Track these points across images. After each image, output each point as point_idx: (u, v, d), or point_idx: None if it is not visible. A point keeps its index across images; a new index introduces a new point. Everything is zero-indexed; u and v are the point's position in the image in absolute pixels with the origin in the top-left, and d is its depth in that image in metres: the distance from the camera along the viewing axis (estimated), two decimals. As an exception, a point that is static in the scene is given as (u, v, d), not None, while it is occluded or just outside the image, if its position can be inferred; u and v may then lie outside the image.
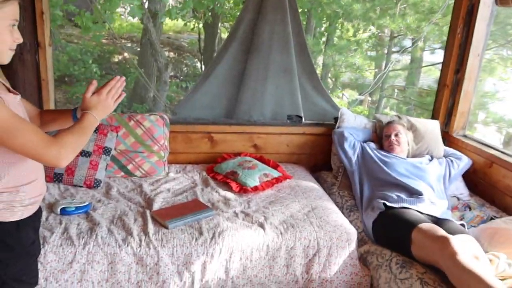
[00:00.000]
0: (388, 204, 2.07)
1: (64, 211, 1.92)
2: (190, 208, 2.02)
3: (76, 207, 1.95)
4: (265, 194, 2.32)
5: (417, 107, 6.17)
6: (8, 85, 1.29)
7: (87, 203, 2.01)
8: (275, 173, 2.50)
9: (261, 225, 1.93)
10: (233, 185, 2.35)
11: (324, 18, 6.18)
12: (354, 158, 2.52)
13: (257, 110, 2.93)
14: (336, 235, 1.94)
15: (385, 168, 2.34)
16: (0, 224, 1.22)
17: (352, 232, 1.98)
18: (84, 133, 1.30)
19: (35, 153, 1.17)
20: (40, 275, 1.65)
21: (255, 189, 2.32)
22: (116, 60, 9.19)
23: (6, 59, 1.20)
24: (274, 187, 2.40)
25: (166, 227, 1.85)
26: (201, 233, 1.84)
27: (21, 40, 1.21)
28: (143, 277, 1.74)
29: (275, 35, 2.84)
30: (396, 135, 2.53)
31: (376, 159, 2.42)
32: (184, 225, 1.89)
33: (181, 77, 9.43)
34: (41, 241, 1.69)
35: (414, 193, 2.17)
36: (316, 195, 2.34)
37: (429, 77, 6.67)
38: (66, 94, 7.42)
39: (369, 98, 7.23)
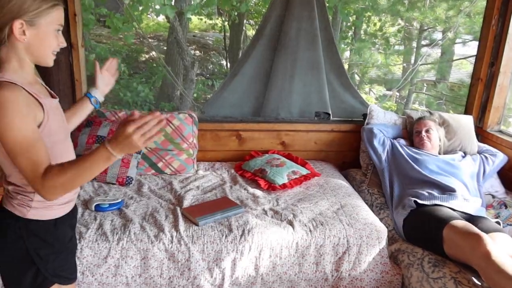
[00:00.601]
0: (419, 201, 2.02)
1: (98, 208, 1.99)
2: (220, 205, 2.04)
3: (110, 204, 2.01)
4: (293, 192, 2.32)
5: (449, 102, 5.99)
6: (49, 89, 1.33)
7: (119, 200, 2.07)
8: (304, 171, 2.50)
9: (290, 223, 1.93)
10: (262, 182, 2.36)
11: (351, 12, 6.10)
12: (384, 156, 2.48)
13: (284, 108, 2.92)
14: (366, 232, 1.92)
15: (415, 166, 2.29)
16: (39, 222, 1.26)
17: (382, 230, 1.96)
18: (89, 170, 1.12)
19: (26, 177, 1.13)
20: (77, 269, 1.72)
21: (284, 186, 2.32)
22: (143, 59, 9.37)
23: (50, 62, 1.24)
24: (302, 185, 2.40)
25: (196, 224, 1.88)
26: (230, 230, 1.86)
27: (64, 44, 1.23)
28: (175, 273, 1.78)
29: (302, 32, 2.82)
30: (427, 131, 2.47)
31: (407, 157, 2.38)
32: (213, 222, 1.91)
33: (207, 75, 9.52)
34: (77, 237, 1.75)
35: (446, 190, 2.12)
36: (345, 193, 2.32)
37: (461, 71, 6.46)
38: (96, 94, 7.63)
39: (397, 94, 7.07)
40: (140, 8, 5.57)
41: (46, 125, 1.17)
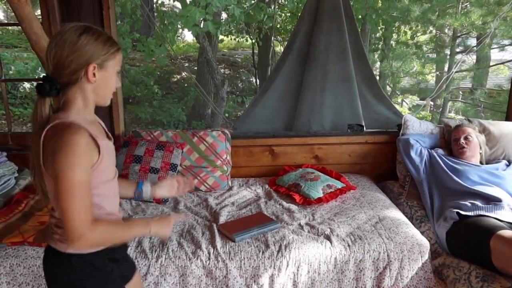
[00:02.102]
0: (462, 213, 1.94)
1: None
2: (255, 221, 2.04)
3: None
4: (329, 206, 2.28)
5: (487, 109, 5.77)
6: (106, 129, 1.34)
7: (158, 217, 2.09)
8: (339, 184, 2.46)
9: (328, 237, 1.90)
10: (297, 197, 2.34)
11: (380, 23, 6.04)
12: (421, 167, 2.40)
13: (316, 121, 2.91)
14: (408, 247, 1.86)
15: (454, 177, 2.20)
16: (80, 256, 1.21)
17: (425, 244, 1.89)
18: (125, 237, 1.30)
19: (68, 221, 1.10)
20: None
21: (319, 200, 2.29)
22: (175, 79, 9.62)
23: (108, 101, 1.29)
24: (338, 198, 2.36)
25: (233, 240, 1.88)
26: (267, 246, 1.85)
27: (119, 84, 1.29)
28: (213, 291, 1.77)
29: (331, 45, 2.82)
30: (466, 138, 2.38)
31: (446, 168, 2.29)
32: (250, 238, 1.91)
33: (237, 92, 9.65)
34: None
35: (491, 200, 2.02)
36: (383, 205, 2.27)
37: (498, 77, 6.23)
38: (131, 115, 7.88)
39: (431, 103, 6.90)
40: (180, 26, 5.69)
41: (99, 165, 1.17)
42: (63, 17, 2.47)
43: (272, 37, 8.64)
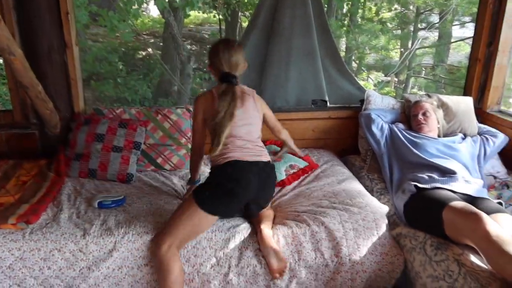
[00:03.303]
0: (420, 185, 2.02)
1: (101, 205, 1.99)
2: None
3: (113, 201, 2.02)
4: (291, 186, 2.32)
5: (448, 85, 5.95)
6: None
7: (122, 196, 2.07)
8: (302, 163, 2.48)
9: (285, 217, 1.95)
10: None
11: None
12: (382, 141, 2.47)
13: (281, 97, 2.91)
14: (362, 216, 1.93)
15: (414, 150, 2.28)
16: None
17: (379, 212, 1.97)
18: None
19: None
20: (83, 264, 1.74)
21: (282, 183, 2.33)
22: (140, 56, 9.34)
23: None
24: (300, 179, 2.40)
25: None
26: (236, 222, 1.89)
27: None
28: (181, 260, 1.78)
29: (296, 19, 2.80)
30: (424, 113, 2.46)
31: (405, 141, 2.37)
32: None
33: (204, 69, 9.49)
34: (82, 233, 1.77)
35: (446, 173, 2.11)
36: (343, 179, 2.33)
37: (459, 53, 6.41)
38: (95, 92, 7.62)
39: (396, 79, 7.03)
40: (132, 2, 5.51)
41: None
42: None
43: (240, 13, 8.48)
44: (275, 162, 2.33)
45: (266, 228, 1.80)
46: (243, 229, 1.87)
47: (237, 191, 1.78)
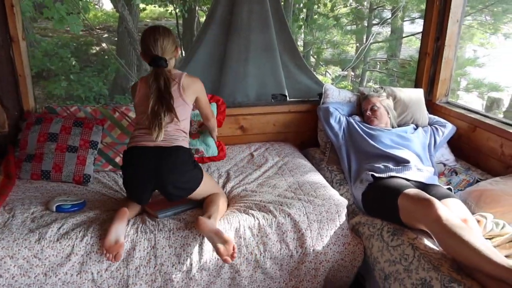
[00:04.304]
0: (376, 175, 2.10)
1: (60, 209, 1.90)
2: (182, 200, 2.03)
3: (72, 204, 1.93)
4: (253, 177, 2.33)
5: (400, 78, 6.21)
6: None
7: (82, 200, 1.98)
8: (210, 152, 2.59)
9: (250, 207, 1.96)
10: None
11: (302, -6, 6.12)
12: (340, 133, 2.54)
13: (241, 92, 2.91)
14: (325, 208, 1.97)
15: (370, 141, 2.36)
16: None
17: (341, 204, 2.02)
18: None
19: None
20: (39, 270, 1.67)
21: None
22: (94, 51, 9.00)
23: None
24: (260, 168, 2.43)
25: (156, 217, 1.86)
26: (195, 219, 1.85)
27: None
28: (141, 262, 1.75)
29: (253, 14, 2.81)
30: (372, 108, 2.56)
31: (362, 133, 2.45)
32: (173, 215, 1.91)
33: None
34: (37, 237, 1.70)
35: (400, 162, 2.20)
36: (304, 171, 2.37)
37: (411, 48, 6.69)
38: (45, 90, 7.27)
39: (352, 73, 7.24)
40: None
41: None
42: None
43: (197, 7, 8.37)
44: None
45: (201, 217, 1.75)
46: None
47: (128, 180, 1.91)
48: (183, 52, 8.68)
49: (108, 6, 11.10)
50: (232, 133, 2.83)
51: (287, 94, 2.95)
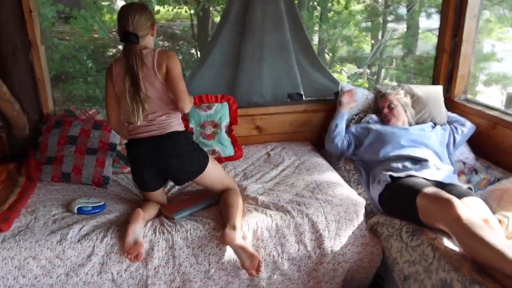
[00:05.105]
0: (394, 175, 2.07)
1: (81, 210, 1.94)
2: (196, 199, 2.05)
3: (93, 207, 1.96)
4: (270, 176, 2.33)
5: (417, 74, 6.10)
6: None
7: (102, 202, 2.02)
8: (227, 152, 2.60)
9: (267, 206, 1.96)
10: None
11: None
12: (353, 149, 2.51)
13: (256, 92, 2.91)
14: (343, 208, 1.96)
15: (387, 141, 2.32)
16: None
17: (359, 203, 2.00)
18: None
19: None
20: (61, 271, 1.71)
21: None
22: (111, 54, 9.12)
23: None
24: (279, 166, 2.42)
25: (173, 219, 1.88)
26: (212, 219, 1.88)
27: None
28: (160, 262, 1.78)
29: (268, 14, 2.80)
30: (389, 106, 2.52)
31: (378, 134, 2.41)
32: (189, 215, 1.92)
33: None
34: (59, 238, 1.73)
35: (419, 161, 2.17)
36: (321, 170, 2.36)
37: (427, 43, 6.56)
38: (64, 92, 7.40)
39: (368, 70, 7.16)
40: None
41: None
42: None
43: (211, 8, 8.40)
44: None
45: (227, 229, 1.73)
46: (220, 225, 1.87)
47: (134, 171, 1.97)
48: (198, 52, 8.73)
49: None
50: (249, 133, 2.83)
51: (303, 93, 2.94)
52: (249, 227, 1.85)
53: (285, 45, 2.87)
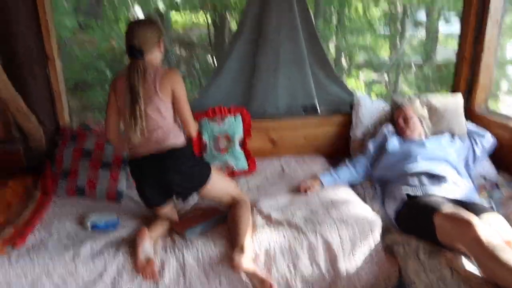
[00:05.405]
0: (410, 192, 2.01)
1: (94, 226, 1.95)
2: (208, 214, 2.03)
3: (106, 223, 1.97)
4: (284, 191, 2.30)
5: (436, 82, 5.98)
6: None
7: (116, 218, 2.02)
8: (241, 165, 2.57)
9: (281, 223, 1.92)
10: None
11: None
12: (369, 167, 2.45)
13: (271, 103, 2.88)
14: (359, 226, 1.91)
15: (403, 157, 2.26)
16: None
17: (375, 222, 1.95)
18: None
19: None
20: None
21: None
22: (128, 62, 9.24)
23: None
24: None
25: (184, 236, 1.87)
26: (224, 237, 1.85)
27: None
28: (171, 281, 1.76)
29: (282, 25, 2.77)
30: (404, 119, 2.46)
31: (394, 149, 2.35)
32: (201, 232, 1.90)
33: (194, 73, 9.41)
34: (72, 255, 1.73)
35: (436, 177, 2.09)
36: (336, 186, 2.31)
37: (447, 49, 6.42)
38: (82, 100, 7.53)
39: (386, 78, 7.06)
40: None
41: None
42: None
43: (228, 16, 8.44)
44: None
45: (235, 254, 1.70)
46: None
47: (137, 188, 1.97)
48: (215, 60, 8.77)
49: (141, 16, 11.38)
50: (262, 146, 2.80)
51: (317, 105, 2.89)
52: (260, 245, 1.81)
53: (300, 56, 2.84)
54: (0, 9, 2.28)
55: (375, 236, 1.92)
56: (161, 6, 5.31)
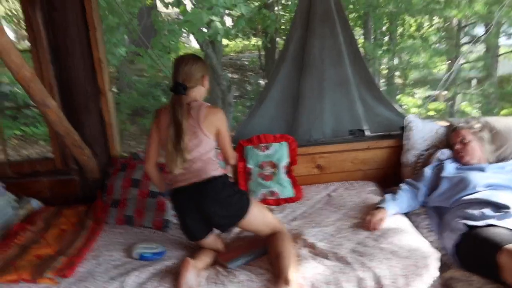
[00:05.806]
0: (470, 223, 1.83)
1: (141, 257, 1.98)
2: (252, 245, 2.00)
3: (153, 253, 1.99)
4: (331, 220, 2.20)
5: (498, 100, 5.56)
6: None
7: (162, 248, 2.04)
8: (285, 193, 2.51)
9: (326, 256, 1.83)
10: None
11: (384, 18, 5.89)
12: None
13: (316, 129, 2.82)
14: (412, 260, 1.76)
15: (461, 184, 2.09)
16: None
17: (431, 256, 1.79)
18: None
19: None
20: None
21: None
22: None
23: None
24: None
25: (227, 267, 1.84)
26: (267, 270, 1.79)
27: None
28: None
29: (326, 50, 2.73)
30: (462, 142, 2.28)
31: (451, 179, 2.18)
32: (244, 264, 1.86)
33: (246, 96, 9.57)
34: (117, 286, 1.75)
35: (500, 208, 1.90)
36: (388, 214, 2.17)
37: (510, 62, 5.99)
38: (140, 126, 7.89)
39: (444, 94, 6.71)
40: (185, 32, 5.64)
41: None
42: (49, 37, 2.46)
43: (277, 39, 8.56)
44: None
45: (280, 286, 1.64)
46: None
47: (180, 221, 1.97)
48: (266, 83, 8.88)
49: (195, 45, 11.85)
50: (309, 172, 2.74)
51: (365, 129, 2.79)
52: (306, 279, 1.73)
53: (346, 80, 2.77)
54: (59, 52, 2.45)
55: (431, 272, 1.76)
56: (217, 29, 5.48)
